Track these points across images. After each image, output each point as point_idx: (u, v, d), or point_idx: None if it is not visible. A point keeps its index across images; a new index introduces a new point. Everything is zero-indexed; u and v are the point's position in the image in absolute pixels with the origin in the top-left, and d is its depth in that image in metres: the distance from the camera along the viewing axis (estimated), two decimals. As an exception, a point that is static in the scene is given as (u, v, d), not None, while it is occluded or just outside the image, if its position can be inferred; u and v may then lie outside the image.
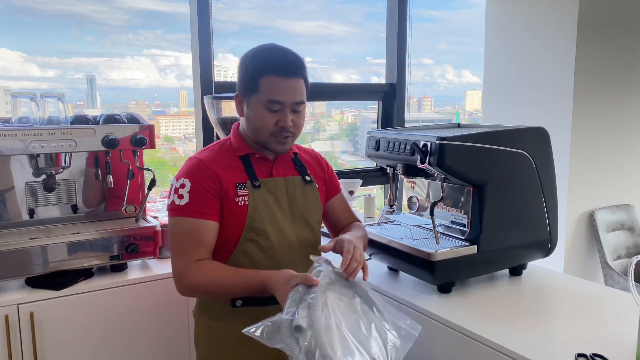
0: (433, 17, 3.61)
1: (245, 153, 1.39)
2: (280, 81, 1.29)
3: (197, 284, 1.29)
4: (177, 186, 1.32)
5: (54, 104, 1.73)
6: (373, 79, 3.16)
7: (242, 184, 1.35)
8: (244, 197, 1.34)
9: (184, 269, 1.29)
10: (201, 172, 1.32)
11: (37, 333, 1.56)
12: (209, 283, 1.28)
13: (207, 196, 1.31)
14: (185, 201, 1.30)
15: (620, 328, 1.31)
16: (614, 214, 3.03)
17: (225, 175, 1.34)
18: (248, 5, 2.90)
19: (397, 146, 1.63)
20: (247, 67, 1.32)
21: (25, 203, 1.77)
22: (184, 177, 1.32)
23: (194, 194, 1.30)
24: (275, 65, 1.30)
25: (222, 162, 1.36)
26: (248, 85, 1.32)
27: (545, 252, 1.69)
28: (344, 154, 3.50)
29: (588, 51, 2.77)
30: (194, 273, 1.28)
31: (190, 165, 1.35)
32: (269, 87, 1.29)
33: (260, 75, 1.29)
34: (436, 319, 1.42)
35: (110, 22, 2.50)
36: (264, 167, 1.40)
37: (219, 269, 1.30)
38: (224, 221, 1.34)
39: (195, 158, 1.36)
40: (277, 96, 1.29)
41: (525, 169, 1.59)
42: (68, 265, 1.67)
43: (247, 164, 1.38)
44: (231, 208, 1.33)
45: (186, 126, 2.94)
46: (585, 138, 2.84)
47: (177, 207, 1.31)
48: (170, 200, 1.33)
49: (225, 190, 1.33)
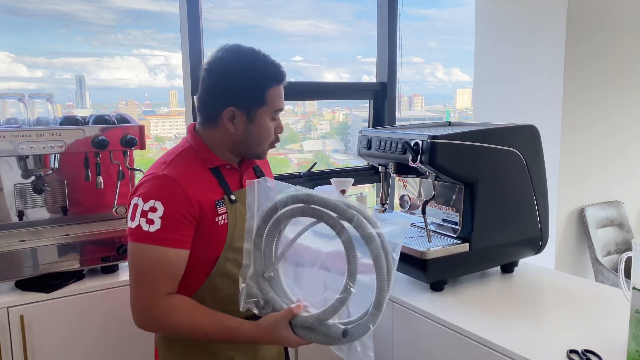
0: (423, 16, 3.63)
1: (216, 165, 1.27)
2: (280, 89, 1.27)
3: (165, 324, 1.16)
4: (145, 209, 1.14)
5: (42, 104, 1.71)
6: (364, 78, 3.16)
7: (220, 200, 1.23)
8: (224, 216, 1.23)
9: (151, 305, 1.15)
10: (176, 194, 1.16)
11: (27, 336, 1.55)
12: (181, 325, 1.15)
13: (182, 222, 1.16)
14: (156, 227, 1.13)
15: (611, 324, 1.32)
16: (604, 210, 3.06)
17: (203, 194, 1.20)
18: (237, 4, 2.89)
19: (388, 145, 1.63)
20: (244, 79, 1.22)
21: (14, 205, 1.75)
22: (155, 199, 1.15)
23: (168, 220, 1.14)
24: (276, 73, 1.25)
25: (194, 178, 1.21)
26: (252, 99, 1.23)
27: (536, 249, 1.70)
28: (336, 152, 3.50)
29: (577, 49, 2.79)
30: (163, 311, 1.14)
31: (162, 186, 1.17)
32: (274, 97, 1.25)
33: (267, 87, 1.23)
34: (429, 317, 1.42)
35: (98, 22, 2.48)
36: (234, 177, 1.31)
37: (194, 310, 1.16)
38: (200, 243, 1.21)
39: (165, 176, 1.18)
40: (281, 104, 1.28)
41: (515, 167, 1.59)
42: (58, 268, 1.65)
43: (219, 176, 1.27)
44: (210, 229, 1.21)
45: (177, 126, 2.93)
46: (575, 135, 2.87)
47: (144, 233, 1.14)
48: (136, 224, 1.15)
49: (206, 212, 1.20)
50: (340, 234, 1.05)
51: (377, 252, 1.03)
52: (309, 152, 3.35)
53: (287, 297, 1.16)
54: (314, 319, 1.08)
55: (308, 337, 1.10)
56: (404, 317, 1.51)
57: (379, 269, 1.04)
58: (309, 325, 1.09)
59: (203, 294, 1.23)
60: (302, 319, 1.10)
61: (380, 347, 1.62)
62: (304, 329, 1.10)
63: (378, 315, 1.06)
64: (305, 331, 1.10)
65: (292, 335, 1.11)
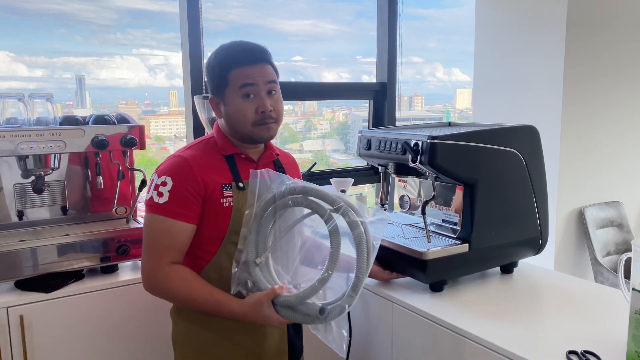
0: (422, 16, 3.63)
1: (230, 153, 1.37)
2: (247, 69, 1.30)
3: (166, 289, 1.28)
4: (158, 182, 1.29)
5: (42, 104, 1.71)
6: (364, 78, 3.16)
7: (228, 185, 1.33)
8: (229, 199, 1.32)
9: (155, 269, 1.28)
10: (185, 172, 1.29)
11: (27, 336, 1.55)
12: (178, 292, 1.27)
13: (189, 198, 1.28)
14: (165, 200, 1.27)
15: (611, 324, 1.32)
16: (604, 211, 3.06)
17: (211, 176, 1.31)
18: (237, 4, 2.89)
19: (388, 145, 1.63)
20: (212, 67, 1.34)
21: (14, 205, 1.75)
22: (167, 175, 1.29)
23: (175, 195, 1.27)
24: (238, 57, 1.31)
25: (207, 162, 1.33)
26: (218, 83, 1.33)
27: (536, 249, 1.70)
28: (336, 152, 3.50)
29: (577, 49, 2.79)
30: (164, 276, 1.27)
31: (175, 164, 1.31)
32: (237, 77, 1.30)
33: (228, 70, 1.31)
34: (428, 317, 1.42)
35: (98, 21, 2.48)
36: (248, 168, 1.37)
37: (191, 280, 1.28)
38: (207, 222, 1.32)
39: (179, 156, 1.33)
40: (248, 79, 1.30)
41: (515, 167, 1.59)
42: (58, 267, 1.65)
43: (231, 164, 1.36)
44: (216, 209, 1.31)
45: (177, 126, 2.93)
46: (574, 136, 2.87)
47: (155, 204, 1.28)
48: (149, 196, 1.29)
49: (211, 192, 1.30)
50: (328, 221, 1.16)
51: (360, 237, 1.15)
52: (309, 152, 3.35)
53: (274, 281, 1.24)
54: (295, 298, 1.17)
55: (288, 316, 1.19)
56: (404, 317, 1.51)
57: (360, 253, 1.15)
58: (290, 305, 1.18)
59: (209, 270, 1.34)
60: (283, 298, 1.18)
61: (380, 347, 1.62)
62: (286, 308, 1.19)
63: (354, 296, 1.16)
64: (287, 310, 1.19)
65: (274, 313, 1.20)
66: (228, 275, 1.31)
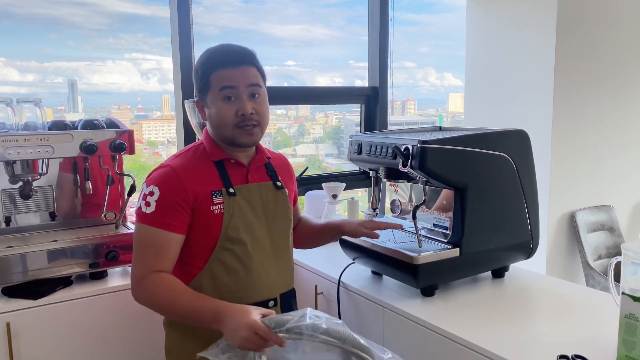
0: (414, 21, 3.64)
1: (220, 158, 1.37)
2: (228, 72, 1.30)
3: (151, 294, 1.26)
4: (146, 192, 1.30)
5: (30, 109, 1.70)
6: (356, 82, 3.16)
7: (218, 191, 1.33)
8: (220, 205, 1.32)
9: (142, 276, 1.27)
10: (173, 182, 1.29)
11: (14, 344, 1.53)
12: (161, 296, 1.24)
13: (176, 208, 1.28)
14: (152, 210, 1.27)
15: (601, 329, 1.32)
16: (594, 214, 3.07)
17: (200, 185, 1.31)
18: (229, 9, 2.88)
19: (379, 150, 1.63)
20: (196, 70, 1.34)
21: (2, 210, 1.73)
22: (154, 185, 1.29)
23: (162, 205, 1.27)
24: (220, 59, 1.32)
25: (196, 170, 1.33)
26: (201, 86, 1.33)
27: (527, 253, 1.70)
28: (329, 157, 3.50)
29: (567, 54, 2.81)
30: (150, 283, 1.26)
31: (163, 174, 1.31)
32: (218, 79, 1.30)
33: (209, 73, 1.31)
34: (420, 322, 1.42)
35: (90, 26, 2.46)
36: (239, 172, 1.38)
37: (177, 286, 1.26)
38: (198, 230, 1.31)
39: (168, 166, 1.33)
40: (227, 82, 1.30)
41: (506, 172, 1.59)
42: (46, 274, 1.63)
43: (221, 169, 1.36)
44: (206, 217, 1.31)
45: (169, 130, 2.91)
46: (565, 140, 2.88)
47: (143, 214, 1.29)
48: (138, 205, 1.30)
49: (200, 201, 1.30)
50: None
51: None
52: (302, 157, 3.35)
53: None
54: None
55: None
56: (395, 322, 1.50)
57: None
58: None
59: (202, 278, 1.33)
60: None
61: (371, 352, 1.61)
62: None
63: None
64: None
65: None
66: (222, 283, 1.32)
